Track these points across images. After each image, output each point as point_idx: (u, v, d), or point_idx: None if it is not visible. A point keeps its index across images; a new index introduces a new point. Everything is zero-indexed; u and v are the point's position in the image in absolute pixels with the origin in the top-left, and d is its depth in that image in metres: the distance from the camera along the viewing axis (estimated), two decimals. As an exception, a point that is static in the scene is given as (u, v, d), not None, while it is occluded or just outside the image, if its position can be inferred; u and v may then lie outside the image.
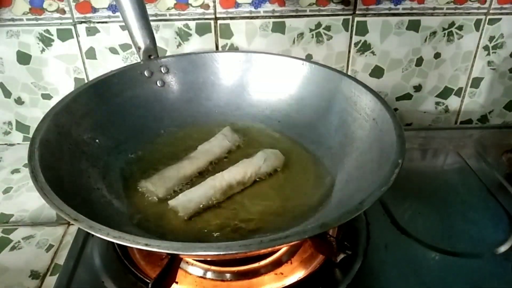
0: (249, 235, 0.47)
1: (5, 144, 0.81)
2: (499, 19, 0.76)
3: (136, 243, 0.34)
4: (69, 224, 0.61)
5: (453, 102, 0.85)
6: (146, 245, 0.34)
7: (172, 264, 0.43)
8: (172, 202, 0.51)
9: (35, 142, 0.45)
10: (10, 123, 0.80)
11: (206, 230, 0.49)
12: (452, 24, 0.77)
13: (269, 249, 0.46)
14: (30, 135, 0.78)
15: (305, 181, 0.55)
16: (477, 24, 0.77)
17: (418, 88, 0.83)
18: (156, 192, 0.53)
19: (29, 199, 0.66)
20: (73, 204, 0.38)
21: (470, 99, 0.85)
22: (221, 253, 0.35)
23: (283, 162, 0.58)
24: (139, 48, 0.61)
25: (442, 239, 0.55)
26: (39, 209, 0.64)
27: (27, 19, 0.71)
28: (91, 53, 0.75)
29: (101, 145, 0.55)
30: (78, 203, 0.39)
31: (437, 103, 0.86)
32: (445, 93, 0.84)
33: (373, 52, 0.78)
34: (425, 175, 0.69)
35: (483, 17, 0.76)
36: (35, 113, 0.79)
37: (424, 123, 0.87)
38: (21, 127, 0.80)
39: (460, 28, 0.77)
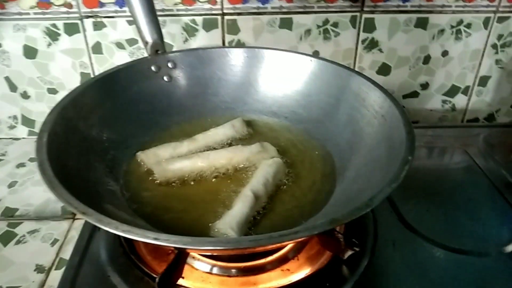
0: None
1: (10, 138, 0.81)
2: (508, 18, 0.76)
3: (145, 237, 0.34)
4: (74, 219, 0.61)
5: (460, 100, 0.85)
6: (155, 239, 0.34)
7: (179, 259, 0.43)
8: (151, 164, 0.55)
9: (43, 136, 0.45)
10: (15, 117, 0.80)
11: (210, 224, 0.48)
12: (460, 22, 0.76)
13: (278, 245, 0.46)
14: (35, 130, 0.80)
15: (312, 178, 0.55)
16: (486, 22, 0.76)
17: (425, 86, 0.83)
18: (147, 164, 0.56)
19: (34, 194, 0.66)
20: (81, 197, 0.38)
21: (477, 97, 0.85)
22: (230, 247, 0.35)
23: (275, 155, 0.57)
24: (147, 43, 0.61)
25: (450, 237, 0.55)
26: (44, 204, 0.64)
27: (34, 13, 0.70)
28: (97, 48, 0.74)
29: (108, 139, 0.55)
30: (85, 197, 0.39)
31: (444, 101, 0.85)
32: (452, 91, 0.84)
33: (380, 50, 0.78)
34: (432, 173, 0.68)
35: (492, 15, 0.76)
36: (41, 108, 0.79)
37: (431, 121, 0.87)
38: (27, 121, 0.80)
39: (468, 26, 0.76)
